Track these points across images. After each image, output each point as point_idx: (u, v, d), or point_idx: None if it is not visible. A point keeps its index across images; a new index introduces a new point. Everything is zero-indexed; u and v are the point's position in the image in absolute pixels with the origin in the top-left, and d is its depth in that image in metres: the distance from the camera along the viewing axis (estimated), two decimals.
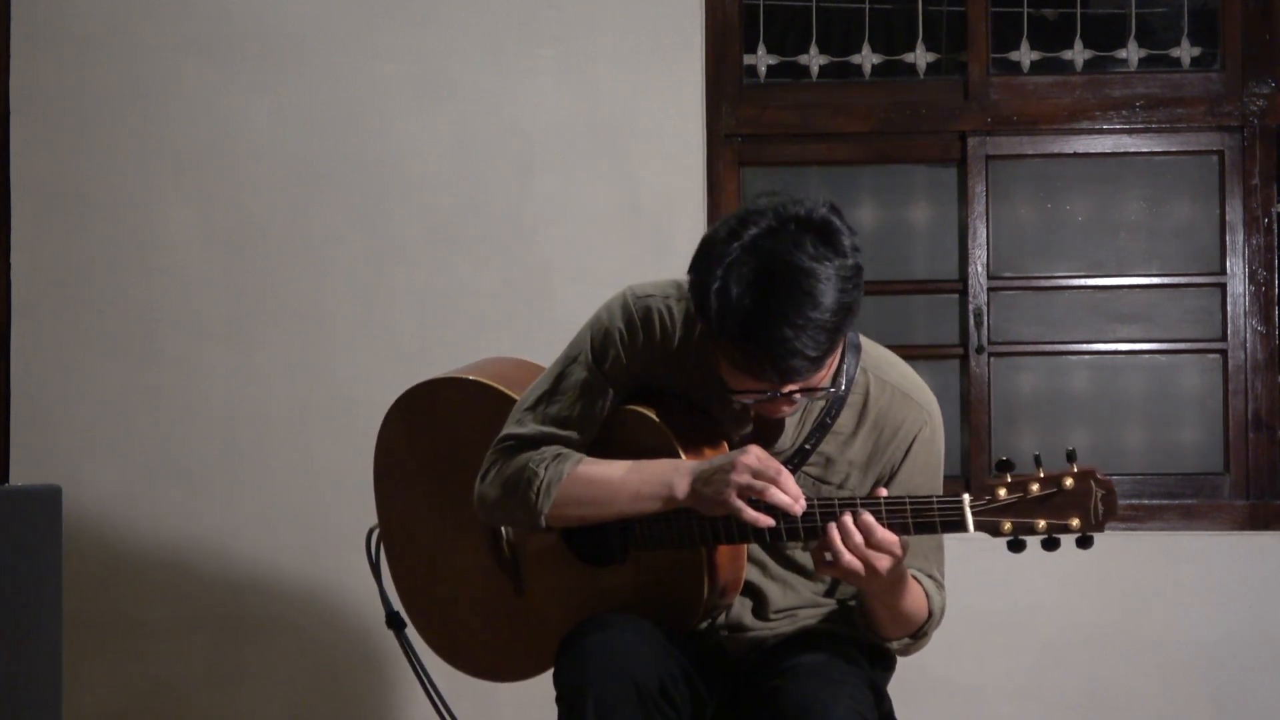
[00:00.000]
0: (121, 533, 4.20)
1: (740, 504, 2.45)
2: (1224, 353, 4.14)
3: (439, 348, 4.08)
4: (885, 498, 2.45)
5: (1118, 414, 4.21)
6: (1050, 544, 2.41)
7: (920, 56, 4.25)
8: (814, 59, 4.28)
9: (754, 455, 2.46)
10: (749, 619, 2.70)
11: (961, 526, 2.40)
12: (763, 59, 4.28)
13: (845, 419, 2.62)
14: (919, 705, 3.91)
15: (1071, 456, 2.41)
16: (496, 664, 2.90)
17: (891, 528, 2.43)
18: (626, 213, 4.12)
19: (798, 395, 2.46)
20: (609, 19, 4.13)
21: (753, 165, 4.24)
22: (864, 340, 2.66)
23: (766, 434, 2.61)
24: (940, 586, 2.68)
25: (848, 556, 2.41)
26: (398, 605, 3.07)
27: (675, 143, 4.12)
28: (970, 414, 4.15)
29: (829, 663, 2.56)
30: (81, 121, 4.23)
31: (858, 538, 2.41)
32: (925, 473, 2.66)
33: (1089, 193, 4.24)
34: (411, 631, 3.06)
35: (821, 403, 2.60)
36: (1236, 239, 4.13)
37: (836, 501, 2.46)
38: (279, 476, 4.16)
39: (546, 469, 2.59)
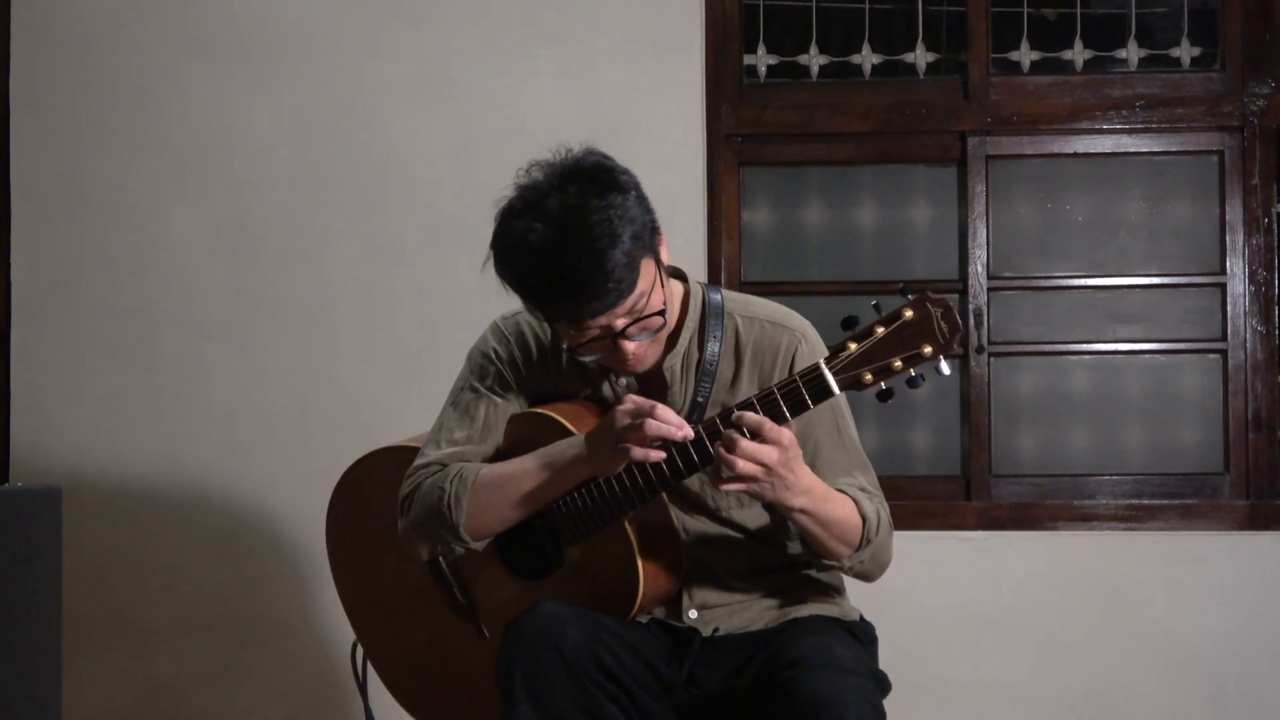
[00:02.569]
0: (121, 533, 4.20)
1: (628, 445, 2.50)
2: (1224, 353, 4.14)
3: (439, 348, 4.08)
4: (755, 394, 2.50)
5: (1118, 414, 4.21)
6: (913, 382, 2.43)
7: (920, 56, 4.25)
8: (814, 59, 4.28)
9: (629, 400, 2.53)
10: (712, 594, 2.71)
11: (827, 390, 2.43)
12: (763, 59, 4.28)
13: (724, 364, 2.69)
14: (918, 705, 3.91)
15: (904, 292, 2.44)
16: (485, 717, 2.85)
17: (769, 419, 2.46)
18: None
19: (631, 329, 2.54)
20: (609, 19, 4.13)
21: (753, 165, 4.24)
22: (725, 291, 2.74)
23: (654, 399, 2.64)
24: (872, 495, 2.68)
25: (743, 463, 2.44)
26: (392, 711, 3.04)
27: (675, 143, 4.12)
28: (970, 414, 4.15)
29: (836, 654, 2.57)
30: (81, 121, 4.23)
31: (746, 443, 2.44)
32: None
33: (1089, 193, 4.24)
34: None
35: (697, 356, 2.67)
36: (1236, 239, 4.13)
37: (717, 419, 2.50)
38: (279, 476, 4.17)
39: (451, 483, 2.67)
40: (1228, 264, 4.14)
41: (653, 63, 4.12)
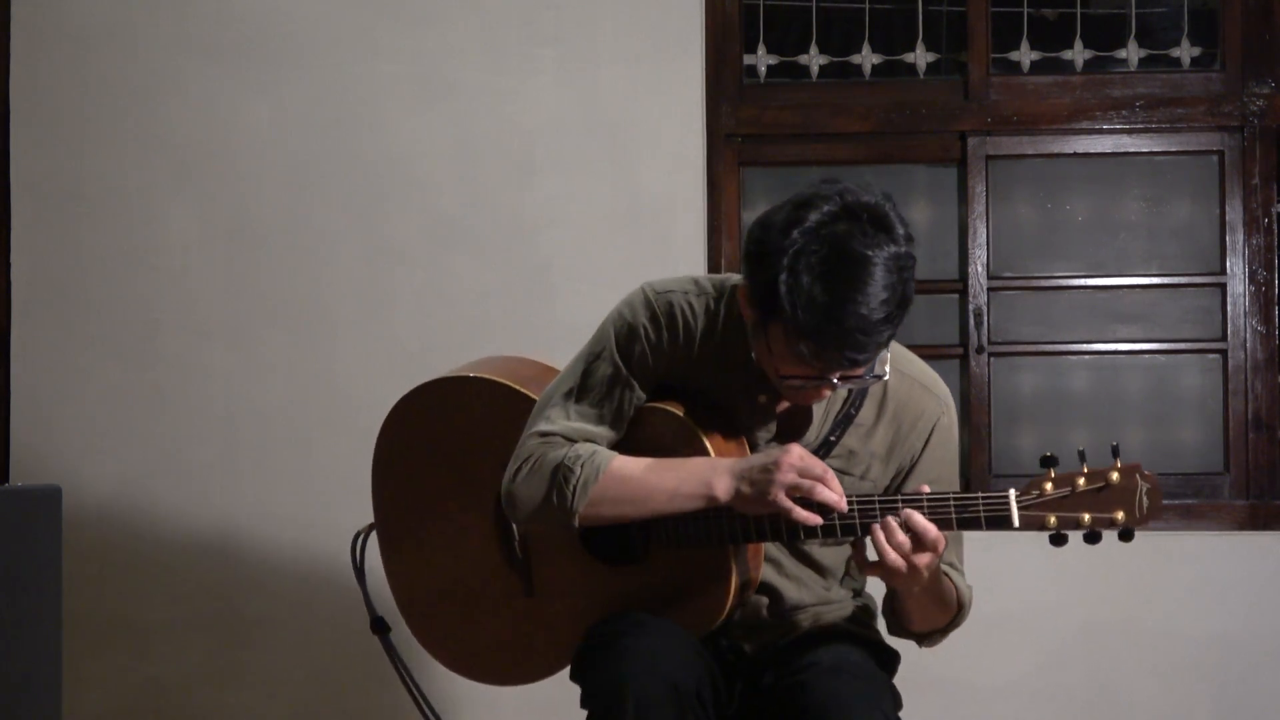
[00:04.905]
0: (121, 533, 4.20)
1: (789, 503, 2.45)
2: (1224, 353, 4.13)
3: (439, 348, 4.08)
4: (928, 494, 2.46)
5: (1118, 414, 4.21)
6: (1092, 537, 2.43)
7: (920, 56, 4.25)
8: (814, 59, 4.28)
9: (797, 454, 2.47)
10: (765, 616, 2.69)
11: (1007, 522, 2.42)
12: (763, 59, 4.28)
13: (866, 411, 2.63)
14: (919, 705, 3.90)
15: (1116, 452, 2.44)
16: (503, 668, 2.85)
17: (935, 524, 2.44)
18: (626, 213, 4.12)
19: (842, 384, 2.47)
20: (609, 19, 4.13)
21: (753, 165, 4.24)
22: None
23: (792, 429, 2.61)
24: (962, 574, 2.68)
25: (893, 555, 2.42)
26: (385, 610, 3.03)
27: (675, 143, 4.12)
28: (970, 414, 4.14)
29: (850, 660, 2.58)
30: (81, 121, 4.23)
31: (901, 537, 2.42)
32: (944, 463, 2.67)
33: (1089, 193, 4.24)
34: (406, 637, 3.02)
35: (844, 395, 2.62)
36: (1236, 239, 4.13)
37: (877, 500, 2.47)
38: (279, 476, 4.16)
39: (583, 466, 2.56)
40: (1228, 264, 4.14)
41: (652, 62, 4.12)
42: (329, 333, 4.18)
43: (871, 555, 2.49)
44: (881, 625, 2.80)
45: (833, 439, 2.62)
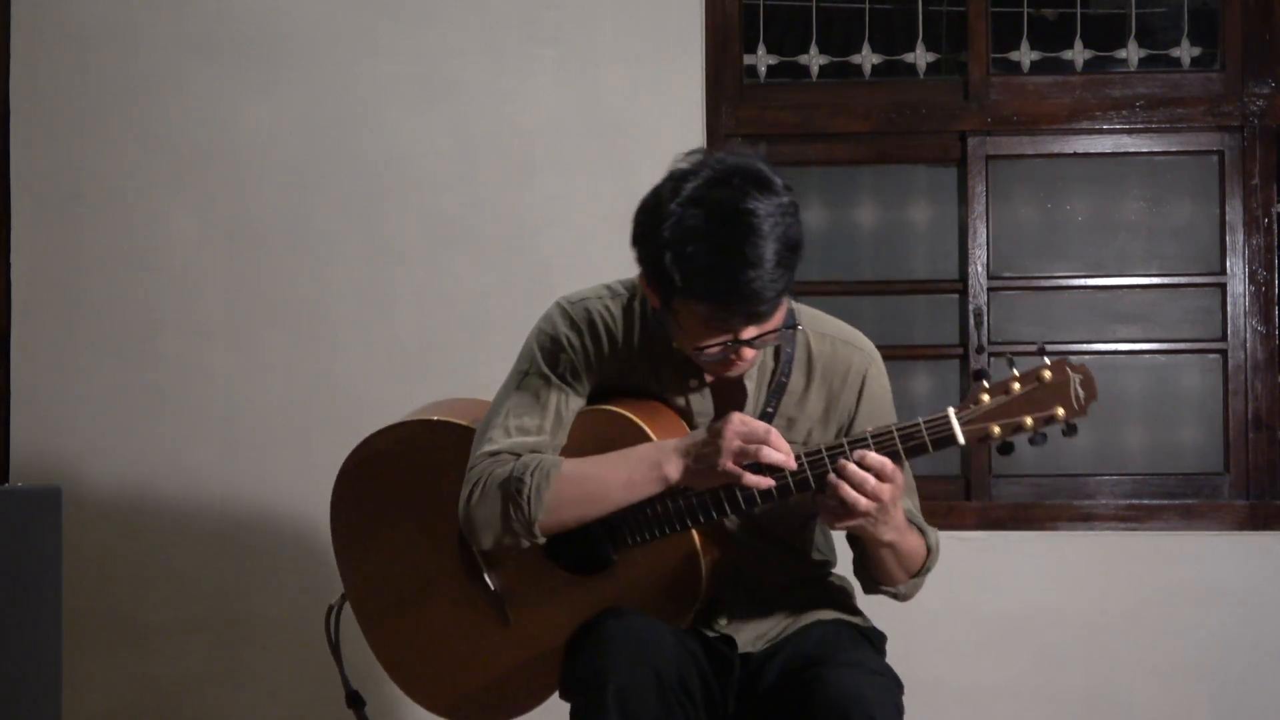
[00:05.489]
0: (121, 533, 4.20)
1: (738, 470, 2.49)
2: (1224, 353, 4.13)
3: (439, 348, 4.08)
4: (871, 431, 2.49)
5: (1118, 414, 4.21)
6: (1038, 440, 2.44)
7: (920, 56, 4.25)
8: (814, 59, 4.28)
9: (738, 420, 2.51)
10: (743, 603, 2.70)
11: (953, 440, 2.44)
12: (763, 59, 4.28)
13: (796, 378, 2.67)
14: (919, 705, 3.90)
15: (1043, 350, 2.45)
16: (494, 704, 2.83)
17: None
18: (626, 213, 4.08)
19: (756, 341, 2.50)
20: (609, 19, 4.13)
21: None
22: (793, 302, 2.71)
23: (728, 407, 2.63)
24: (927, 526, 2.70)
25: (855, 496, 2.44)
26: (369, 674, 3.01)
27: (675, 143, 4.07)
28: None
29: (860, 654, 2.60)
30: (81, 121, 4.23)
31: (861, 475, 2.44)
32: (881, 412, 2.70)
33: (1089, 193, 4.24)
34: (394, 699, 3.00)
35: (772, 366, 2.66)
36: (1236, 239, 4.13)
37: (824, 449, 2.50)
38: (279, 476, 4.17)
39: (531, 475, 2.59)
40: (1228, 264, 4.14)
41: (653, 62, 4.12)
42: (329, 333, 4.18)
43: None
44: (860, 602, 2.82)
45: (770, 410, 2.65)
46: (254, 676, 4.17)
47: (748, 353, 2.52)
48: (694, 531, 2.59)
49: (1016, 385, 2.43)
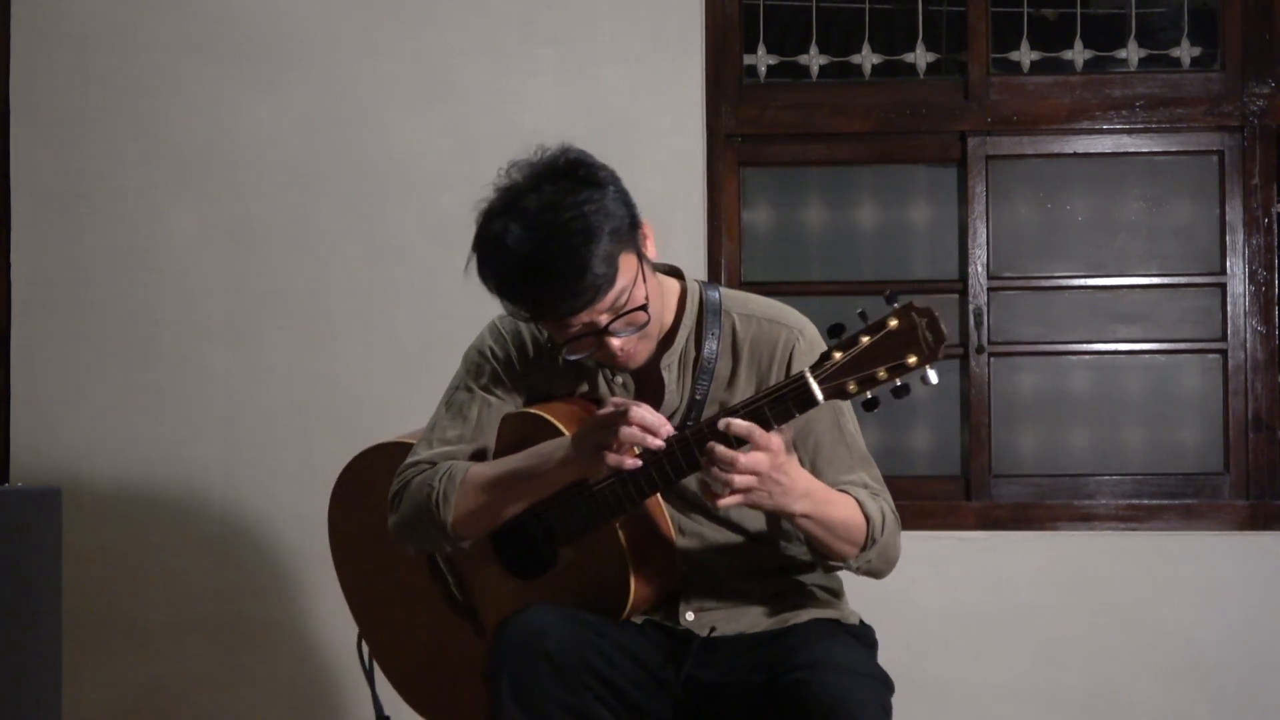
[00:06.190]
0: (121, 533, 4.20)
1: (614, 457, 2.49)
2: (1224, 353, 4.13)
3: (439, 348, 4.07)
4: (739, 403, 2.48)
5: (1118, 414, 4.21)
6: (900, 391, 2.40)
7: (920, 56, 4.25)
8: (814, 59, 4.28)
9: (610, 402, 2.55)
10: (710, 596, 2.70)
11: (812, 399, 2.41)
12: (763, 59, 4.28)
13: (722, 362, 2.68)
14: (919, 705, 3.91)
15: (891, 299, 2.40)
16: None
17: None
18: None
19: (615, 325, 2.53)
20: (609, 19, 4.13)
21: (753, 165, 4.24)
22: (723, 289, 2.73)
23: (648, 396, 2.65)
24: (875, 493, 2.66)
25: (736, 477, 2.43)
26: (394, 706, 3.02)
27: (675, 143, 4.12)
28: (970, 414, 4.15)
29: (846, 656, 2.58)
30: (81, 121, 4.23)
31: (728, 454, 2.42)
32: None
33: (1089, 193, 4.24)
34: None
35: (694, 355, 2.67)
36: (1236, 239, 4.13)
37: (688, 429, 2.49)
38: (279, 476, 4.17)
39: (440, 479, 2.67)
40: (1228, 264, 4.14)
41: (652, 63, 4.12)
42: (329, 333, 4.18)
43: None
44: (850, 594, 2.81)
45: (698, 397, 2.66)
46: (254, 677, 4.17)
47: (613, 341, 2.55)
48: (620, 530, 2.60)
49: (865, 338, 2.38)
